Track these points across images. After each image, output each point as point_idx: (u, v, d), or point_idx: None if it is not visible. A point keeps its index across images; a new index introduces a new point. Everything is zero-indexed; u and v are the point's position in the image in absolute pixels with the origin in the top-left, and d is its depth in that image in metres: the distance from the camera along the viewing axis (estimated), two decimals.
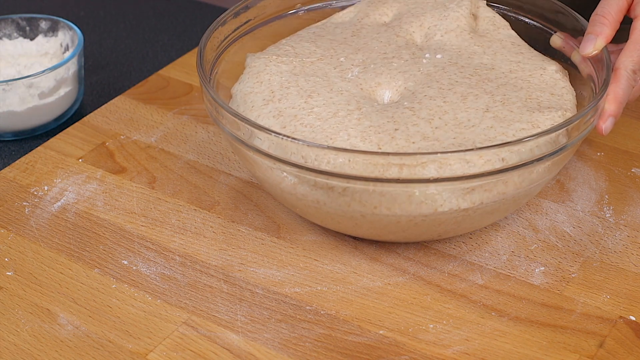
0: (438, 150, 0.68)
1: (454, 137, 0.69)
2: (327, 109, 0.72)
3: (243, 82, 0.78)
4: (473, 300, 0.70)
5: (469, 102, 0.72)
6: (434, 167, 0.65)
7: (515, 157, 0.66)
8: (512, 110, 0.71)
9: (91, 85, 0.99)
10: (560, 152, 0.68)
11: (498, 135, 0.69)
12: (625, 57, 0.73)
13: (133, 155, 0.86)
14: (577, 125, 0.68)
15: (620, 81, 0.72)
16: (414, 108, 0.72)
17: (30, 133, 0.91)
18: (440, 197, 0.67)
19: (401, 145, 0.68)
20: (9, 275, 0.73)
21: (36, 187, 0.82)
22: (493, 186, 0.68)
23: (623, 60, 0.72)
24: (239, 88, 0.77)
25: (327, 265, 0.74)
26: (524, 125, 0.70)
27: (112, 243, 0.76)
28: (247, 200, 0.80)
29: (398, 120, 0.71)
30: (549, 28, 0.81)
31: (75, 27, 0.93)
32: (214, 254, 0.75)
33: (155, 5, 1.15)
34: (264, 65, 0.78)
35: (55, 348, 0.67)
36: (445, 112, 0.71)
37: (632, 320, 0.68)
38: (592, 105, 0.69)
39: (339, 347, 0.67)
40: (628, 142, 0.85)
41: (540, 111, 0.71)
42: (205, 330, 0.68)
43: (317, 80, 0.75)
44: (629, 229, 0.76)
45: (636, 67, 0.73)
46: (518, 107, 0.72)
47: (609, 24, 0.74)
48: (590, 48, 0.74)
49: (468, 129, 0.70)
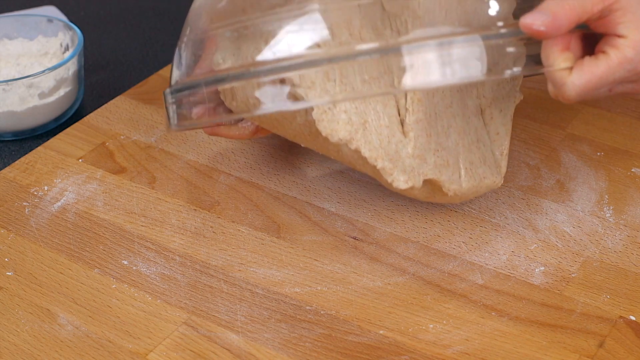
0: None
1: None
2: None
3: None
4: (473, 300, 0.70)
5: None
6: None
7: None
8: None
9: (91, 85, 0.99)
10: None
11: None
12: (607, 74, 0.64)
13: (133, 155, 0.86)
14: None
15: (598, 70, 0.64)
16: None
17: (30, 133, 0.91)
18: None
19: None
20: (9, 275, 0.73)
21: (36, 187, 0.82)
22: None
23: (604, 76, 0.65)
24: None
25: (327, 265, 0.74)
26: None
27: (112, 243, 0.76)
28: (247, 200, 0.80)
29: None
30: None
31: (75, 27, 0.93)
32: (214, 254, 0.75)
33: (155, 5, 1.15)
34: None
35: (55, 348, 0.67)
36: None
37: (632, 320, 0.68)
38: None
39: (339, 347, 0.67)
40: (628, 142, 0.85)
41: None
42: (205, 330, 0.68)
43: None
44: (629, 229, 0.76)
45: (612, 85, 0.66)
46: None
47: (569, 11, 0.63)
48: (538, 21, 0.62)
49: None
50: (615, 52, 0.63)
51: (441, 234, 0.76)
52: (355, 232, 0.77)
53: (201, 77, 0.69)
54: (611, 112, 0.89)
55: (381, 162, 0.70)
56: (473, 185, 0.74)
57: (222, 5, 0.69)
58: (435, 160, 0.72)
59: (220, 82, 0.67)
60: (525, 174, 0.82)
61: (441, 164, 0.73)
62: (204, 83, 0.68)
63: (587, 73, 0.63)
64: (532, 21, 0.62)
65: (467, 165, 0.74)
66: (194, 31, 0.71)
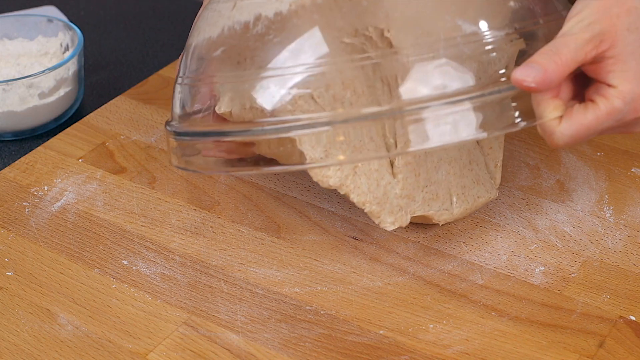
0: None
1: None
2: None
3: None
4: (473, 300, 0.70)
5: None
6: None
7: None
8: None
9: (91, 85, 0.99)
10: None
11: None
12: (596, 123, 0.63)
13: (133, 155, 0.86)
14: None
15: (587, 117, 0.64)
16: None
17: (30, 133, 0.91)
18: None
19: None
20: (9, 275, 0.73)
21: (36, 187, 0.82)
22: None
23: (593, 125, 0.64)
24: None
25: (327, 265, 0.74)
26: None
27: (112, 243, 0.76)
28: (247, 200, 0.80)
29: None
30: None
31: (75, 27, 0.93)
32: (214, 254, 0.75)
33: (155, 5, 1.15)
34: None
35: (55, 348, 0.67)
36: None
37: (632, 320, 0.68)
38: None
39: (339, 347, 0.67)
40: (628, 142, 0.85)
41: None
42: (205, 330, 0.68)
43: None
44: (629, 229, 0.76)
45: (600, 132, 0.65)
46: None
47: (561, 66, 0.62)
48: (529, 77, 0.61)
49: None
50: (604, 102, 0.63)
51: (441, 234, 0.76)
52: (355, 232, 0.77)
53: (203, 127, 0.70)
54: None
55: (369, 206, 0.71)
56: (466, 209, 0.75)
57: (217, 54, 0.70)
58: (424, 196, 0.73)
59: (222, 135, 0.68)
60: (525, 174, 0.82)
61: (430, 198, 0.73)
62: (204, 133, 0.69)
63: (575, 124, 0.63)
64: (523, 77, 0.61)
65: (458, 192, 0.75)
66: (190, 76, 0.72)
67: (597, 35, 0.62)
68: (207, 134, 0.69)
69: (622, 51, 0.62)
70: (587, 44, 0.62)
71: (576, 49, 0.62)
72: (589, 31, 0.62)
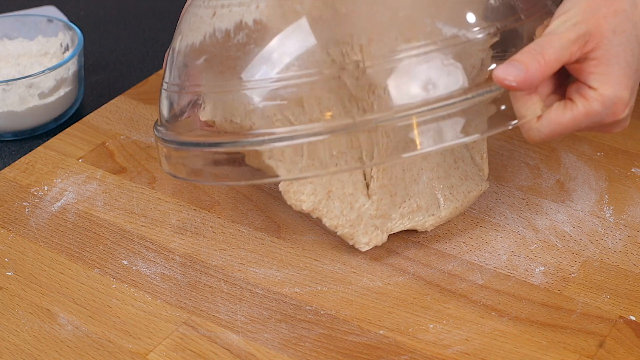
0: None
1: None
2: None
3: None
4: (473, 300, 0.70)
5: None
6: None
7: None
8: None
9: (91, 85, 0.99)
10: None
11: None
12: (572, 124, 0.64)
13: (133, 155, 0.86)
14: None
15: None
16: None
17: (30, 133, 0.91)
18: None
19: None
20: (9, 275, 0.73)
21: (36, 187, 0.82)
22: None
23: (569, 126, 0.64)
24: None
25: (327, 265, 0.74)
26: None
27: (112, 243, 0.76)
28: (247, 200, 0.80)
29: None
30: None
31: (75, 27, 0.93)
32: (214, 254, 0.75)
33: (155, 5, 1.15)
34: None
35: (55, 348, 0.67)
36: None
37: (632, 320, 0.68)
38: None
39: (339, 347, 0.67)
40: (628, 142, 0.85)
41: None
42: (205, 330, 0.68)
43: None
44: (629, 229, 0.76)
45: (577, 131, 0.65)
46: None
47: (544, 66, 0.61)
48: (510, 76, 0.61)
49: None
50: (583, 104, 0.62)
51: (441, 234, 0.76)
52: None
53: (189, 137, 0.71)
54: None
55: (341, 229, 0.72)
56: (456, 207, 0.75)
57: (199, 62, 0.70)
58: (402, 212, 0.73)
59: (207, 146, 0.68)
60: (525, 174, 0.82)
61: (410, 212, 0.73)
62: (190, 144, 0.69)
63: (553, 122, 0.63)
64: (505, 76, 0.61)
65: (445, 193, 0.75)
66: (174, 82, 0.72)
67: (582, 35, 0.62)
68: (192, 144, 0.69)
69: (605, 53, 0.62)
70: (572, 45, 0.62)
71: (561, 49, 0.61)
72: (575, 31, 0.62)
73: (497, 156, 0.84)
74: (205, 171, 0.69)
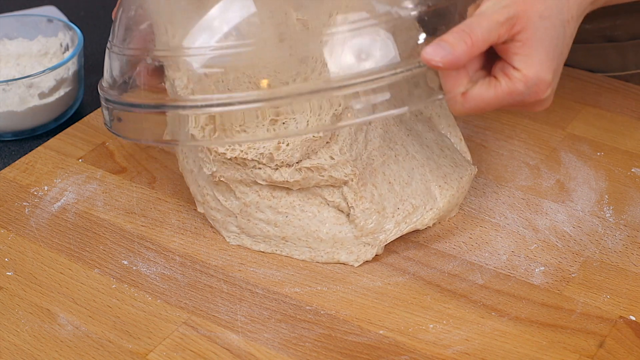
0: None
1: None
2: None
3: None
4: (473, 300, 0.70)
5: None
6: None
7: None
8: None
9: (91, 85, 0.99)
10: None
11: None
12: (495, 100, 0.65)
13: (133, 155, 0.86)
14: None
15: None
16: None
17: (30, 133, 0.91)
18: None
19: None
20: (9, 275, 0.73)
21: (36, 187, 0.82)
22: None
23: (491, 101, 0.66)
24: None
25: (327, 265, 0.74)
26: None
27: (112, 243, 0.76)
28: None
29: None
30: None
31: (75, 27, 0.93)
32: (214, 254, 0.75)
33: None
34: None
35: (55, 348, 0.67)
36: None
37: (632, 320, 0.68)
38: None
39: (339, 347, 0.67)
40: (628, 142, 0.85)
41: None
42: (205, 330, 0.68)
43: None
44: (629, 229, 0.76)
45: (499, 108, 0.67)
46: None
47: (470, 47, 0.63)
48: (437, 57, 0.62)
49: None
50: (507, 82, 0.64)
51: (441, 234, 0.76)
52: None
53: (133, 99, 0.71)
54: (611, 112, 0.89)
55: (318, 258, 0.74)
56: (452, 195, 0.75)
57: (144, 27, 0.71)
58: (397, 220, 0.73)
59: (152, 108, 0.70)
60: (525, 174, 0.82)
61: (404, 216, 0.73)
62: (133, 105, 0.71)
63: (477, 99, 0.64)
64: (432, 56, 0.62)
65: (440, 183, 0.75)
66: (118, 45, 0.73)
67: (510, 18, 0.63)
68: (135, 105, 0.70)
69: (531, 36, 0.64)
70: (500, 27, 0.63)
71: (489, 30, 0.63)
72: (503, 14, 0.63)
73: (497, 156, 0.84)
74: (149, 133, 0.70)
